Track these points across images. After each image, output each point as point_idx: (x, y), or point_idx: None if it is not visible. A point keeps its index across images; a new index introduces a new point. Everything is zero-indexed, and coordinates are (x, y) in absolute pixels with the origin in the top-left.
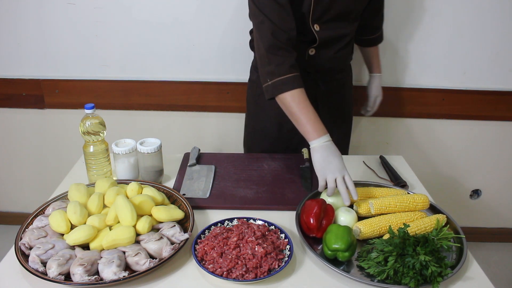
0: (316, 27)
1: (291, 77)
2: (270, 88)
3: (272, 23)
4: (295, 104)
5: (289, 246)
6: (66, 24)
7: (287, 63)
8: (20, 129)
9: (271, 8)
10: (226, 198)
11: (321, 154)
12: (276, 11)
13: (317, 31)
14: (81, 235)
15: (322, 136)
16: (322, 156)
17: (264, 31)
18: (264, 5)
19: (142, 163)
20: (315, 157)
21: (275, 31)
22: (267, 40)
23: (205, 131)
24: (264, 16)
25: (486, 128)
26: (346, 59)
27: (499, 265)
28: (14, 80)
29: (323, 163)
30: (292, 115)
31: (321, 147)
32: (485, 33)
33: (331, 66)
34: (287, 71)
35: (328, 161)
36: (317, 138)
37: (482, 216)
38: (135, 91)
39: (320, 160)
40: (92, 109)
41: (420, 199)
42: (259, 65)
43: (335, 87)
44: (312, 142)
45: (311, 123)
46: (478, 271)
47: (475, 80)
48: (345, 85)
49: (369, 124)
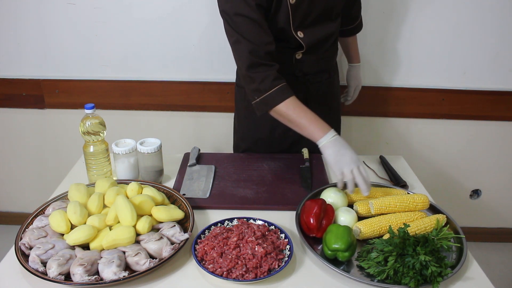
0: (299, 34)
1: (277, 89)
2: (259, 105)
3: (248, 41)
4: (291, 112)
5: (289, 246)
6: (66, 24)
7: (270, 77)
8: (20, 129)
9: (245, 26)
10: (226, 198)
11: (332, 149)
12: (251, 28)
13: (301, 38)
14: (81, 235)
15: (328, 132)
16: (334, 151)
17: (241, 51)
18: (238, 24)
19: (142, 163)
20: (327, 153)
21: (252, 50)
22: (245, 60)
23: (205, 131)
24: (239, 35)
25: (486, 128)
26: (332, 57)
27: (499, 265)
28: (14, 80)
29: (337, 157)
30: (292, 123)
31: (330, 143)
32: (485, 33)
33: (319, 67)
34: (272, 85)
35: (341, 154)
36: (323, 136)
37: (482, 216)
38: (135, 91)
39: (333, 155)
40: (92, 109)
41: (420, 199)
42: (243, 83)
43: (324, 87)
44: (319, 141)
45: (314, 123)
46: (478, 271)
47: (475, 80)
48: (333, 85)
49: (369, 124)
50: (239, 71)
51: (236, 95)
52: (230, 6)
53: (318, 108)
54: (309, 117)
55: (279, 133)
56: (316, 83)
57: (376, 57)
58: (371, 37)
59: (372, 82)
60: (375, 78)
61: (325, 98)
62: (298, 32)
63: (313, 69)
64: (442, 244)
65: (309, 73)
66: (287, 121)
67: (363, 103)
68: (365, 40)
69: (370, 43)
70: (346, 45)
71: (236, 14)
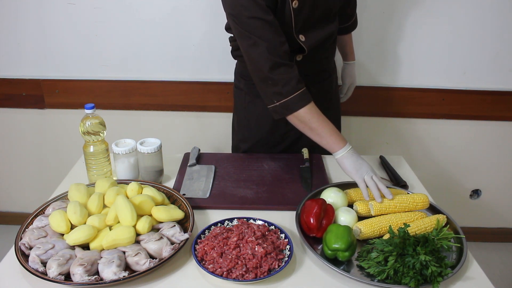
0: (301, 37)
1: (300, 93)
2: (279, 109)
3: (267, 41)
4: (314, 120)
5: (289, 246)
6: (66, 24)
7: (294, 80)
8: (20, 129)
9: (262, 28)
10: (226, 198)
11: (350, 160)
12: (267, 29)
13: (303, 41)
14: (81, 235)
15: (346, 144)
16: (352, 162)
17: (259, 53)
18: (253, 27)
19: (142, 163)
20: (345, 164)
21: (271, 50)
22: (266, 61)
23: (205, 131)
24: (256, 37)
25: (486, 128)
26: (331, 56)
27: (499, 265)
28: (14, 80)
29: (356, 166)
30: (312, 130)
31: (348, 154)
32: (485, 33)
33: (319, 67)
34: (295, 89)
35: (359, 164)
36: (342, 148)
37: (482, 216)
38: (135, 91)
39: (352, 165)
40: (92, 109)
41: (420, 199)
42: (260, 87)
43: (325, 87)
44: (337, 152)
45: (334, 135)
46: (478, 271)
47: (475, 80)
48: (333, 84)
49: (369, 124)
50: (256, 74)
51: (235, 97)
52: (242, 10)
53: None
54: (329, 127)
55: (279, 134)
56: (317, 83)
57: (376, 57)
58: (371, 37)
59: (372, 82)
60: (375, 78)
61: (326, 98)
62: (299, 36)
63: (314, 70)
64: (442, 244)
65: (310, 74)
66: (306, 128)
67: (363, 103)
68: (365, 40)
69: (370, 43)
70: (342, 43)
71: (250, 17)
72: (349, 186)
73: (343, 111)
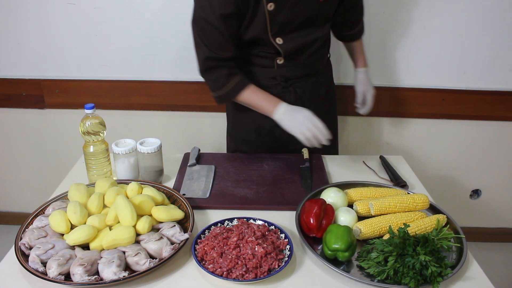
0: (278, 40)
1: (230, 87)
2: (217, 99)
3: (208, 49)
4: (247, 100)
5: (289, 246)
6: (66, 24)
7: (223, 76)
8: (20, 129)
9: (207, 32)
10: (226, 198)
11: (286, 119)
12: (212, 36)
13: (280, 44)
14: (81, 235)
15: (278, 105)
16: (288, 120)
17: (199, 54)
18: (201, 28)
19: (142, 163)
20: (283, 124)
21: (209, 56)
22: (201, 64)
23: (205, 131)
24: (199, 39)
25: (486, 128)
26: (319, 62)
27: (499, 265)
28: (14, 80)
29: (291, 122)
30: (251, 107)
31: (283, 114)
32: (485, 33)
33: (303, 71)
34: (223, 84)
35: (294, 119)
36: (275, 110)
37: (482, 216)
38: (135, 91)
39: (289, 123)
40: (92, 109)
41: (420, 199)
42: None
43: (311, 90)
44: (274, 116)
45: (265, 101)
46: (478, 271)
47: (475, 80)
48: (322, 87)
49: (369, 124)
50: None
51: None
52: (198, 10)
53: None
54: (260, 97)
55: (264, 133)
56: (301, 87)
57: (376, 57)
58: (371, 37)
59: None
60: (375, 78)
61: (316, 101)
62: (277, 39)
63: (296, 74)
64: (442, 244)
65: (292, 78)
66: (247, 105)
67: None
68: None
69: (370, 43)
70: (350, 50)
71: (201, 18)
72: (349, 186)
73: (344, 111)
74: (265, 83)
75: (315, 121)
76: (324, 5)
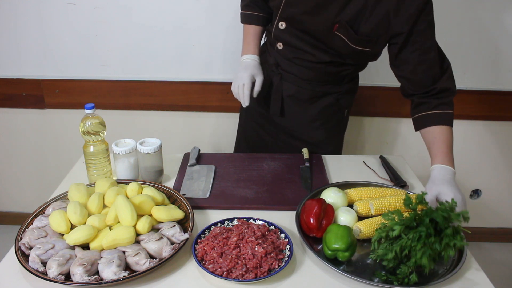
0: (281, 24)
1: (245, 13)
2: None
3: None
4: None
5: (289, 246)
6: (66, 24)
7: (243, 2)
8: (20, 129)
9: None
10: (226, 198)
11: (238, 69)
12: None
13: (281, 29)
14: (81, 235)
15: (244, 55)
16: (238, 70)
17: None
18: None
19: (142, 163)
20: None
21: None
22: None
23: (205, 131)
24: None
25: (486, 128)
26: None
27: (499, 265)
28: (14, 80)
29: (236, 75)
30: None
31: (239, 64)
32: (485, 33)
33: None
34: (242, 7)
35: (237, 74)
36: (241, 57)
37: (482, 216)
38: (135, 91)
39: (236, 73)
40: (92, 109)
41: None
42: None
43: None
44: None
45: (244, 44)
46: (478, 271)
47: (475, 80)
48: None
49: (369, 124)
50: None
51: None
52: None
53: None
54: (245, 38)
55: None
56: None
57: None
58: None
59: (372, 82)
60: (375, 78)
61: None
62: (280, 22)
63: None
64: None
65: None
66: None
67: (363, 103)
68: None
69: None
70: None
71: None
72: (349, 186)
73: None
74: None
75: (245, 86)
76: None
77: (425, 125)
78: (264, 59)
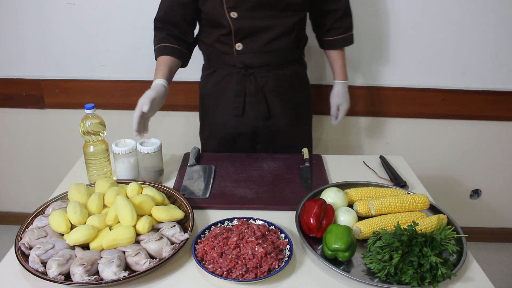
0: (233, 14)
1: (157, 48)
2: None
3: (160, 9)
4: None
5: (289, 246)
6: (66, 24)
7: (156, 37)
8: (20, 129)
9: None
10: (226, 198)
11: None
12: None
13: (233, 19)
14: (81, 235)
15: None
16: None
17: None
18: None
19: (142, 163)
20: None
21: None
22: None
23: None
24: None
25: (486, 128)
26: (282, 54)
27: (499, 265)
28: (14, 80)
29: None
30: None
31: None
32: (485, 33)
33: (262, 60)
34: (155, 43)
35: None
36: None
37: (482, 216)
38: (135, 91)
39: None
40: (92, 109)
41: (420, 199)
42: None
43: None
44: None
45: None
46: (478, 271)
47: (475, 80)
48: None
49: (369, 124)
50: None
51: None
52: None
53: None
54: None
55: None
56: (262, 77)
57: (376, 57)
58: (371, 37)
59: (372, 82)
60: (375, 78)
61: (278, 94)
62: (231, 13)
63: (256, 62)
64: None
65: (253, 66)
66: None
67: (363, 103)
68: (365, 40)
69: (370, 43)
70: (329, 59)
71: None
72: (349, 186)
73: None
74: (227, 71)
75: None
76: None
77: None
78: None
